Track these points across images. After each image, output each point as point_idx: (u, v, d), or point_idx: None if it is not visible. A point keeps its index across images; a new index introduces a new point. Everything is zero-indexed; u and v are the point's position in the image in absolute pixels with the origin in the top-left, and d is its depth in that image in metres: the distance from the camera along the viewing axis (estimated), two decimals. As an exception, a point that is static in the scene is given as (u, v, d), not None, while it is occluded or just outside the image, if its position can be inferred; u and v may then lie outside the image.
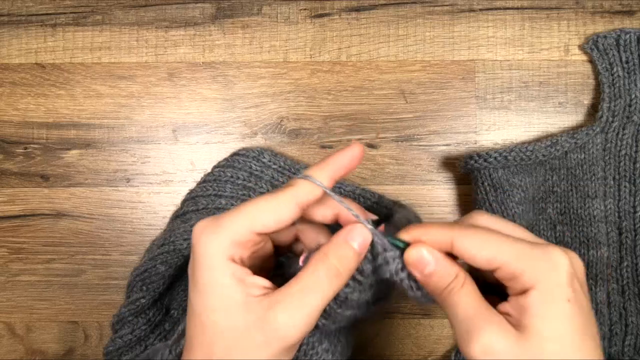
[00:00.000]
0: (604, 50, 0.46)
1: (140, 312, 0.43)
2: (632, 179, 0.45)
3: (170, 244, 0.42)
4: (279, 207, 0.30)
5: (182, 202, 0.47)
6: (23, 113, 0.48)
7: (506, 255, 0.28)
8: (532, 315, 0.28)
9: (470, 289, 0.30)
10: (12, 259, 0.48)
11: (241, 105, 0.48)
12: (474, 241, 0.29)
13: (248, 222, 0.30)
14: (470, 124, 0.48)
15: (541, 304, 0.28)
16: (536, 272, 0.28)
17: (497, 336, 0.28)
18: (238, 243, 0.30)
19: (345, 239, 0.31)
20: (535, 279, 0.28)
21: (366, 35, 0.48)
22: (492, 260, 0.29)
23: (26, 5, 0.49)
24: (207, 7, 0.48)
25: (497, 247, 0.29)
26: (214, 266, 0.29)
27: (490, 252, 0.29)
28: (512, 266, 0.28)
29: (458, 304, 0.30)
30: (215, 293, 0.29)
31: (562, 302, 0.28)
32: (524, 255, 0.28)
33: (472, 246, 0.29)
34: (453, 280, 0.30)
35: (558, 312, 0.28)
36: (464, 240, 0.29)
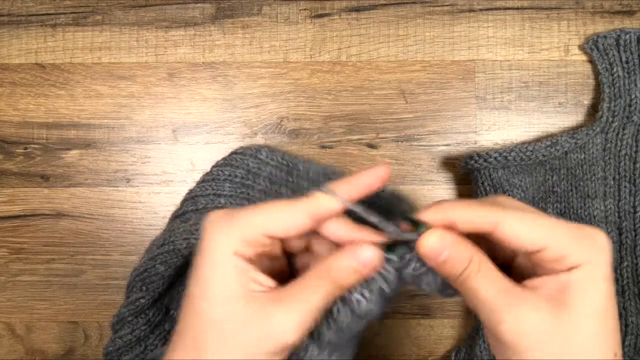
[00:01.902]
0: (604, 50, 0.46)
1: (140, 312, 0.43)
2: (632, 179, 0.45)
3: (170, 244, 0.42)
4: (291, 215, 0.30)
5: (182, 202, 0.47)
6: (23, 113, 0.48)
7: (554, 237, 0.28)
8: (576, 292, 0.28)
9: (488, 271, 0.29)
10: (12, 259, 0.48)
11: (241, 105, 0.48)
12: (521, 222, 0.29)
13: (259, 224, 0.30)
14: (470, 124, 0.48)
15: (585, 282, 0.28)
16: (584, 252, 0.28)
17: (529, 313, 0.28)
18: (246, 241, 0.30)
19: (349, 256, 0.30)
20: (582, 258, 0.28)
21: (366, 35, 0.48)
22: (539, 241, 0.28)
23: (26, 5, 0.49)
24: (207, 7, 0.48)
25: (544, 227, 0.28)
26: (218, 257, 0.30)
27: (537, 234, 0.28)
28: (560, 248, 0.28)
29: (479, 288, 0.29)
30: (216, 283, 0.29)
31: (604, 281, 0.28)
32: (571, 236, 0.28)
33: (522, 229, 0.28)
34: (469, 265, 0.29)
35: (600, 290, 0.28)
36: (509, 223, 0.28)
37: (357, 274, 0.30)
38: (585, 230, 0.29)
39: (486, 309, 0.29)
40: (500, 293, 0.28)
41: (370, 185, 0.32)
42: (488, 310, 0.28)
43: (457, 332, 0.48)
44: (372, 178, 0.32)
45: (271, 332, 0.29)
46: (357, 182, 0.32)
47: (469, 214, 0.29)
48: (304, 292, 0.30)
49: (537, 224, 0.29)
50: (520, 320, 0.28)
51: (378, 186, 0.32)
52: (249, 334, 0.29)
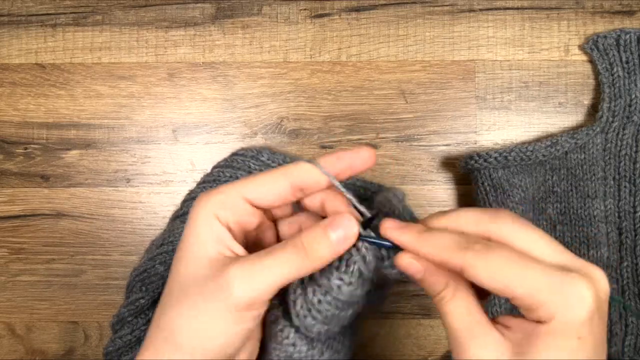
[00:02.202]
0: (604, 50, 0.46)
1: (140, 312, 0.43)
2: (632, 179, 0.45)
3: (169, 244, 0.42)
4: (271, 181, 0.31)
5: (182, 202, 0.47)
6: (23, 113, 0.48)
7: (524, 287, 0.26)
8: (537, 346, 0.26)
9: (462, 300, 0.29)
10: (12, 259, 0.48)
11: (241, 105, 0.48)
12: (488, 270, 0.27)
13: (239, 188, 0.31)
14: (470, 124, 0.48)
15: (550, 339, 0.26)
16: (554, 307, 0.26)
17: (489, 352, 0.27)
18: (226, 205, 0.30)
19: (325, 227, 0.30)
20: (551, 314, 0.26)
21: (366, 35, 0.48)
22: (505, 291, 0.27)
23: (26, 5, 0.49)
24: (207, 7, 0.48)
25: (515, 276, 0.26)
26: (198, 221, 0.30)
27: (506, 282, 0.27)
28: (529, 299, 0.26)
29: (448, 314, 0.29)
30: (191, 246, 0.30)
31: (572, 339, 0.26)
32: (543, 289, 0.26)
33: (486, 276, 0.27)
34: (443, 290, 0.29)
35: (565, 348, 0.26)
36: (477, 269, 0.27)
37: (330, 247, 0.29)
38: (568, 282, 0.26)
39: (452, 336, 0.29)
40: (468, 325, 0.28)
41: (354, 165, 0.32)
42: (453, 338, 0.28)
43: (457, 332, 0.48)
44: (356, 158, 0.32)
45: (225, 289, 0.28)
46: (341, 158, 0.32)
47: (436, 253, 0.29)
48: (270, 261, 0.29)
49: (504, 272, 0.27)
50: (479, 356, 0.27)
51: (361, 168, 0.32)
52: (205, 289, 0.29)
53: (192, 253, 0.30)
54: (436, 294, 0.29)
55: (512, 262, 0.27)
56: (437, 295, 0.29)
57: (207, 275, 0.29)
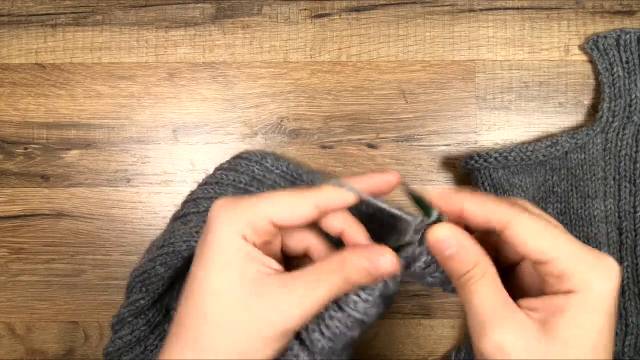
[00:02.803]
0: (604, 50, 0.46)
1: (140, 312, 0.43)
2: (632, 179, 0.45)
3: (170, 245, 0.42)
4: (299, 203, 0.30)
5: (183, 203, 0.47)
6: (23, 113, 0.48)
7: (562, 252, 0.26)
8: (566, 320, 0.26)
9: (490, 280, 0.28)
10: (12, 259, 0.48)
11: (241, 105, 0.48)
12: (533, 228, 0.27)
13: (266, 209, 0.30)
14: (470, 124, 0.48)
15: (581, 311, 0.26)
16: (588, 276, 0.26)
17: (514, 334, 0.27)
18: (253, 226, 0.30)
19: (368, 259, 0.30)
20: (584, 283, 0.26)
21: (366, 35, 0.48)
22: (546, 252, 0.27)
23: (26, 5, 0.49)
24: (207, 7, 0.48)
25: (555, 240, 0.27)
26: (225, 239, 0.29)
27: (546, 244, 0.27)
28: (565, 264, 0.26)
29: (475, 294, 0.28)
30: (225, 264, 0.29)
31: (602, 314, 0.26)
32: (579, 256, 0.27)
33: (530, 233, 0.27)
34: (473, 268, 0.28)
35: (596, 323, 0.26)
36: (522, 224, 0.27)
37: (369, 276, 0.30)
38: (599, 256, 0.27)
39: (476, 317, 0.28)
40: (495, 306, 0.28)
41: (378, 188, 0.32)
42: (477, 319, 0.28)
43: (457, 332, 0.48)
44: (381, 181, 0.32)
45: (275, 316, 0.28)
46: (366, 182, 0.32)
47: (482, 207, 0.28)
48: (313, 280, 0.29)
49: (548, 233, 0.27)
50: (503, 338, 0.27)
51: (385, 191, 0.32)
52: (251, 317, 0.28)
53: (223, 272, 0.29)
54: (464, 273, 0.29)
55: (553, 227, 0.27)
56: (464, 275, 0.29)
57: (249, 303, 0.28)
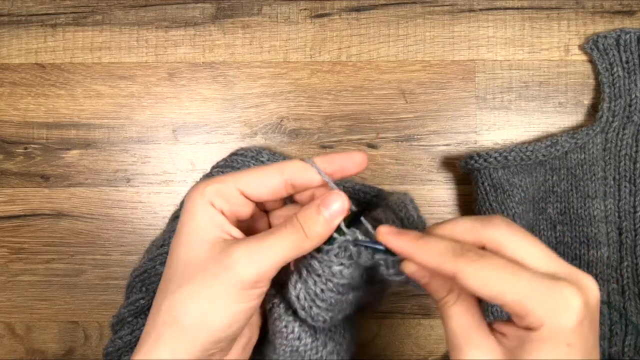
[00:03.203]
0: (604, 50, 0.46)
1: (140, 312, 0.43)
2: (632, 179, 0.45)
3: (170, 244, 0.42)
4: (265, 175, 0.32)
5: (181, 202, 0.47)
6: (23, 113, 0.48)
7: (511, 295, 0.27)
8: (528, 352, 0.27)
9: (463, 306, 0.30)
10: (12, 259, 0.48)
11: (241, 105, 0.48)
12: (477, 279, 0.28)
13: (234, 179, 0.32)
14: (470, 124, 0.48)
15: (541, 346, 0.27)
16: (543, 315, 0.27)
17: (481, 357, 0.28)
18: (220, 193, 0.32)
19: (318, 206, 0.31)
20: (540, 321, 0.27)
21: (366, 35, 0.48)
22: (495, 298, 0.27)
23: (26, 5, 0.49)
24: (207, 7, 0.48)
25: (502, 285, 0.27)
26: (195, 207, 0.31)
27: (496, 290, 0.27)
28: (518, 307, 0.27)
29: (450, 318, 0.30)
30: (190, 231, 0.31)
31: (562, 346, 0.27)
32: (532, 296, 0.27)
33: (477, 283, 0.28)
34: (446, 295, 0.30)
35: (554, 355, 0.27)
36: (468, 276, 0.28)
37: (324, 224, 0.31)
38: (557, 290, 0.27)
39: (450, 339, 0.30)
40: (466, 330, 0.29)
41: (345, 167, 0.33)
42: (451, 341, 0.30)
43: (457, 332, 0.48)
44: (347, 160, 0.33)
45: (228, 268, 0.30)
46: (334, 159, 0.33)
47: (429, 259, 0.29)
48: (271, 240, 0.31)
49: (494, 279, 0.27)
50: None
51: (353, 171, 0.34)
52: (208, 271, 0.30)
53: (191, 237, 0.31)
54: (440, 298, 0.30)
55: (502, 271, 0.28)
56: (440, 300, 0.30)
57: (208, 258, 0.30)
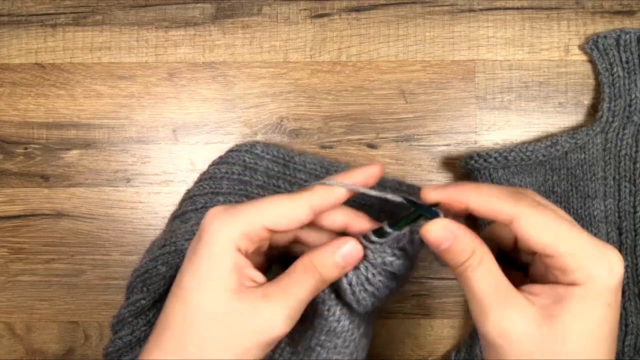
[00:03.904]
0: (604, 50, 0.46)
1: (140, 313, 0.43)
2: (632, 179, 0.45)
3: (172, 244, 0.42)
4: (294, 208, 0.31)
5: (181, 202, 0.47)
6: (23, 113, 0.48)
7: (566, 247, 0.27)
8: (568, 309, 0.27)
9: (488, 267, 0.29)
10: (12, 259, 0.48)
11: (241, 105, 0.48)
12: (538, 224, 0.27)
13: (261, 217, 0.30)
14: (470, 124, 0.48)
15: (583, 301, 0.27)
16: (592, 271, 0.27)
17: (516, 317, 0.27)
18: (248, 235, 0.30)
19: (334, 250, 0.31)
20: (587, 277, 0.27)
21: (366, 35, 0.48)
22: (550, 247, 0.27)
23: (26, 5, 0.49)
24: (207, 7, 0.48)
25: (558, 234, 0.27)
26: (220, 251, 0.30)
27: (549, 239, 0.27)
28: (569, 260, 0.27)
29: (475, 282, 0.28)
30: (212, 275, 0.30)
31: (603, 305, 0.27)
32: (582, 251, 0.27)
33: (535, 229, 0.27)
34: (470, 257, 0.29)
35: (596, 314, 0.27)
36: (527, 220, 0.27)
37: (339, 268, 0.31)
38: (603, 250, 0.27)
39: (478, 303, 0.28)
40: (494, 291, 0.28)
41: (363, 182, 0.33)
42: (479, 305, 0.28)
43: (457, 332, 0.48)
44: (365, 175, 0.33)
45: (261, 326, 0.29)
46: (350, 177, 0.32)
47: (488, 202, 0.29)
48: (291, 287, 0.30)
49: (552, 228, 0.27)
50: (506, 322, 0.27)
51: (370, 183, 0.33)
52: (239, 328, 0.29)
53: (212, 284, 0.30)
54: (462, 262, 0.29)
55: (561, 221, 0.28)
56: (462, 264, 0.29)
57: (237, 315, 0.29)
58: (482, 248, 0.29)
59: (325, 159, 0.46)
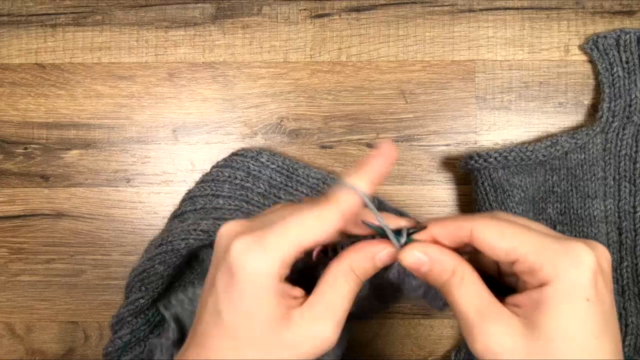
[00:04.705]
0: (604, 50, 0.46)
1: (140, 312, 0.43)
2: (632, 179, 0.45)
3: (168, 244, 0.42)
4: (326, 221, 0.29)
5: (181, 202, 0.47)
6: (23, 113, 0.48)
7: (526, 247, 0.27)
8: (545, 313, 0.26)
9: (470, 283, 0.29)
10: (12, 259, 0.48)
11: (241, 105, 0.48)
12: (494, 231, 0.28)
13: (297, 240, 0.29)
14: (470, 124, 0.48)
15: (556, 301, 0.26)
16: (556, 266, 0.26)
17: (501, 334, 0.27)
18: (286, 262, 0.29)
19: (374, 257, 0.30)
20: (553, 273, 0.26)
21: (366, 35, 0.48)
22: (511, 251, 0.27)
23: (26, 5, 0.49)
24: (207, 7, 0.48)
25: (517, 238, 0.27)
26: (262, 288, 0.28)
27: (509, 243, 0.27)
28: (531, 259, 0.27)
29: (458, 300, 0.29)
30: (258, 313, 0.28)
31: (580, 301, 0.26)
32: (544, 248, 0.27)
33: (492, 236, 0.28)
34: (451, 277, 0.29)
35: (574, 311, 0.26)
36: (483, 230, 0.28)
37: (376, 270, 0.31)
38: (563, 243, 0.27)
39: (463, 321, 0.29)
40: (478, 308, 0.28)
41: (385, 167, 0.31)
42: (464, 323, 0.28)
43: (457, 332, 0.48)
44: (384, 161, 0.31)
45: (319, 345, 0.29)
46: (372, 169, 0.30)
47: (445, 227, 0.30)
48: (336, 299, 0.30)
49: (509, 233, 0.28)
50: (490, 339, 0.27)
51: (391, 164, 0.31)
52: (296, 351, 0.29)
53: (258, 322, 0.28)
54: (444, 281, 0.29)
55: (515, 226, 0.28)
56: (445, 284, 0.29)
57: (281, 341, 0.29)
58: (462, 265, 0.29)
59: (329, 175, 0.46)
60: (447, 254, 0.29)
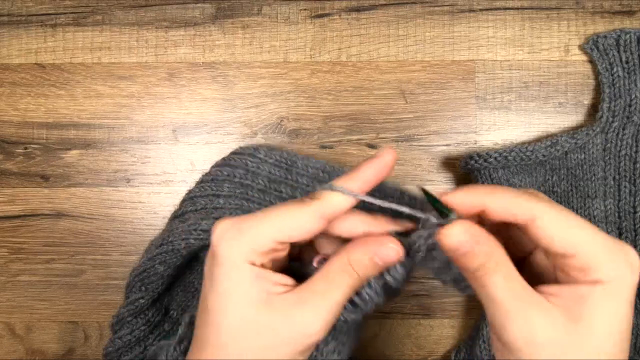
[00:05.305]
0: (604, 50, 0.46)
1: (140, 312, 0.43)
2: (632, 179, 0.45)
3: (169, 244, 0.42)
4: (304, 220, 0.29)
5: (181, 202, 0.47)
6: (23, 113, 0.48)
7: (588, 245, 0.26)
8: (594, 309, 0.26)
9: (507, 269, 0.27)
10: (12, 259, 0.48)
11: (241, 105, 0.48)
12: (559, 223, 0.27)
13: (270, 232, 0.29)
14: (470, 124, 0.48)
15: (607, 300, 0.26)
16: (614, 269, 0.26)
17: (542, 322, 0.26)
18: (257, 251, 0.29)
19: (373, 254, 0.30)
20: (610, 275, 0.26)
21: (366, 35, 0.48)
22: (572, 246, 0.26)
23: (26, 5, 0.49)
24: (207, 7, 0.48)
25: (580, 233, 0.27)
26: (234, 269, 0.29)
27: (573, 239, 0.26)
28: (592, 257, 0.26)
29: (493, 287, 0.27)
30: (233, 294, 0.29)
31: (625, 303, 0.26)
32: (605, 248, 0.26)
33: (556, 228, 0.26)
34: (487, 261, 0.27)
35: (619, 311, 0.26)
36: (548, 220, 0.26)
37: (377, 266, 0.30)
38: (621, 246, 0.27)
39: (496, 308, 0.27)
40: (514, 295, 0.27)
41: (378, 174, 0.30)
42: (498, 310, 0.27)
43: (457, 332, 0.48)
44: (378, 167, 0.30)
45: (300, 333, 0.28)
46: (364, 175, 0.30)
47: (506, 202, 0.28)
48: (326, 288, 0.29)
49: (574, 227, 0.27)
50: (530, 326, 0.26)
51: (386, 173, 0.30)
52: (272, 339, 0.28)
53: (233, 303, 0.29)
54: (478, 267, 0.28)
55: (580, 220, 0.27)
56: (478, 269, 0.28)
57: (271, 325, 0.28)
58: (499, 250, 0.28)
59: (328, 164, 0.46)
60: (487, 238, 0.28)
